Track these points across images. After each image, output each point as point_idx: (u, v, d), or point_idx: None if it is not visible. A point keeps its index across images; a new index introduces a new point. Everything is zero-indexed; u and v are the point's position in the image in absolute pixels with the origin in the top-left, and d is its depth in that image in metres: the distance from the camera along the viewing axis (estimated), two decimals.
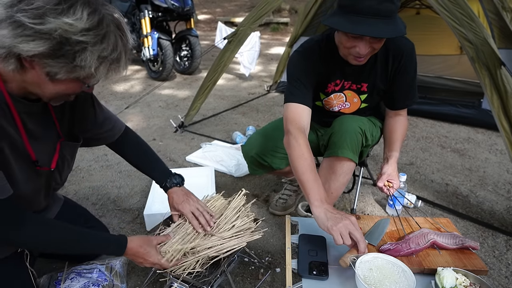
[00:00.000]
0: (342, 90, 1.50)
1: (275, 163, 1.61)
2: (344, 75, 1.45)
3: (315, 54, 1.40)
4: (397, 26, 1.13)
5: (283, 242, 1.62)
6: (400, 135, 1.50)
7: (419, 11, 3.68)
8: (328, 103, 1.56)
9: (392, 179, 1.40)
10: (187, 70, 4.80)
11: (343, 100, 1.53)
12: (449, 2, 1.67)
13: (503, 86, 1.59)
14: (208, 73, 2.75)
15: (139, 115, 3.38)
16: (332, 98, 1.52)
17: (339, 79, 1.46)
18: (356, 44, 1.19)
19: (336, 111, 1.57)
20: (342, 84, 1.48)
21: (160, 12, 4.30)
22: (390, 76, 1.43)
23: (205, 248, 1.17)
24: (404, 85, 1.44)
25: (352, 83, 1.46)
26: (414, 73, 1.43)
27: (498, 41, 2.19)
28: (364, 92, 1.49)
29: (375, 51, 1.26)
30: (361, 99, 1.51)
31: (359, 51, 1.19)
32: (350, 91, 1.49)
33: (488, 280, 1.41)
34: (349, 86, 1.48)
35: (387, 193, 1.39)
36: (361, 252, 1.01)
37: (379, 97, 1.53)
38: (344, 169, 1.46)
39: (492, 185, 2.15)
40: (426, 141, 2.79)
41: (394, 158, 1.45)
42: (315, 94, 1.50)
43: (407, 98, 1.49)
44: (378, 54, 1.36)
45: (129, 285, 1.39)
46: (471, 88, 3.39)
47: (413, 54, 1.40)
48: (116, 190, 2.11)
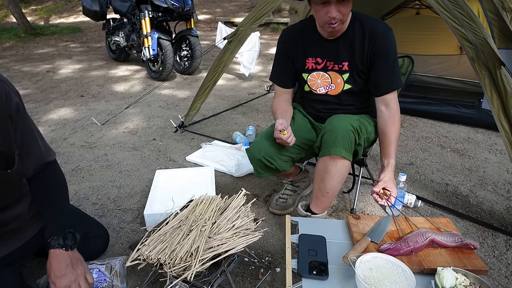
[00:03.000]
0: (325, 71, 1.58)
1: (281, 165, 1.62)
2: (324, 53, 1.55)
3: (296, 31, 1.61)
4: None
5: (283, 242, 1.62)
6: (394, 138, 1.50)
7: (419, 11, 3.68)
8: (312, 83, 1.63)
9: (389, 187, 1.39)
10: (187, 70, 4.79)
11: (329, 82, 1.59)
12: (449, 2, 1.67)
13: (503, 86, 1.59)
14: (208, 73, 2.75)
15: (139, 115, 3.38)
16: (315, 76, 1.60)
17: (320, 58, 1.56)
18: (327, 10, 1.35)
19: (323, 93, 1.63)
20: (324, 64, 1.56)
21: (160, 12, 4.30)
22: (367, 57, 1.50)
23: (205, 248, 1.17)
24: (386, 68, 1.49)
25: (334, 63, 1.55)
26: (393, 56, 1.49)
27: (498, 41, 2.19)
28: (346, 71, 1.55)
29: (344, 17, 1.39)
30: (343, 79, 1.57)
31: (330, 14, 1.35)
32: (333, 72, 1.57)
33: (488, 280, 1.42)
34: (332, 67, 1.56)
35: (379, 201, 1.37)
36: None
37: (362, 80, 1.57)
38: (338, 168, 1.47)
39: (492, 185, 2.15)
40: (426, 141, 2.79)
41: (391, 166, 1.45)
42: (300, 78, 1.67)
43: (391, 80, 1.51)
44: (356, 35, 1.48)
45: (129, 285, 1.39)
46: (471, 88, 3.38)
47: (388, 36, 1.47)
48: (116, 190, 2.11)
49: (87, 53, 6.53)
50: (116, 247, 1.61)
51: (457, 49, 3.51)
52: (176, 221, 1.31)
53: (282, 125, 1.45)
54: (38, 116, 3.38)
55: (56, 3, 12.03)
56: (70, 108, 3.61)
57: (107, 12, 5.07)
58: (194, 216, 1.32)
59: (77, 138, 2.87)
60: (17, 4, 8.62)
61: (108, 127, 3.10)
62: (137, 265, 1.20)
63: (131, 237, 1.68)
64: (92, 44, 7.52)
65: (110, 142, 2.79)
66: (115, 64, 5.58)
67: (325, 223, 1.36)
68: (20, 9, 8.80)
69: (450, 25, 1.69)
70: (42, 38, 8.32)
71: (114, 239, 1.66)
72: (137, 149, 2.65)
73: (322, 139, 1.48)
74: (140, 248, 1.22)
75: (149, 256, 1.16)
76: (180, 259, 1.14)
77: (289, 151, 1.61)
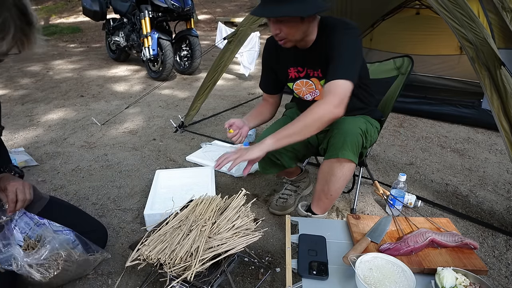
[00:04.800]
0: (308, 78, 1.56)
1: (287, 162, 1.65)
2: (304, 61, 1.53)
3: (272, 44, 1.58)
4: (290, 6, 1.23)
5: (283, 242, 1.62)
6: (300, 123, 1.26)
7: (419, 11, 3.68)
8: (299, 91, 1.63)
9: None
10: (187, 70, 4.79)
11: (313, 88, 1.58)
12: (449, 2, 1.67)
13: (503, 86, 1.59)
14: (208, 73, 2.75)
15: (139, 115, 3.38)
16: (300, 84, 1.60)
17: (300, 66, 1.55)
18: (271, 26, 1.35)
19: (310, 100, 1.62)
20: (305, 71, 1.55)
21: (160, 12, 4.30)
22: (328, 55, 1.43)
23: (205, 248, 1.17)
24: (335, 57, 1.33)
25: (313, 70, 1.53)
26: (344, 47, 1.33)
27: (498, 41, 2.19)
28: (322, 77, 1.53)
29: (289, 36, 1.35)
30: (321, 85, 1.55)
31: (270, 31, 1.36)
32: (315, 79, 1.56)
33: (488, 280, 1.42)
34: (313, 74, 1.54)
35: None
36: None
37: None
38: (344, 171, 1.47)
39: (492, 185, 2.15)
40: (426, 141, 2.79)
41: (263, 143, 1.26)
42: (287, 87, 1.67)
43: (336, 69, 1.31)
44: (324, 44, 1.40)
45: (129, 285, 1.39)
46: (471, 88, 3.38)
47: (337, 27, 1.36)
48: (116, 190, 2.11)
49: (87, 53, 6.53)
50: (116, 247, 1.61)
51: (457, 49, 3.51)
52: (176, 221, 1.31)
53: (228, 123, 1.55)
54: (38, 116, 3.38)
55: (56, 3, 12.03)
56: (70, 108, 3.61)
57: (107, 12, 5.06)
58: (194, 216, 1.32)
59: (77, 138, 2.87)
60: None
61: (108, 127, 3.10)
62: (137, 265, 1.20)
63: (131, 237, 1.68)
64: (92, 44, 7.52)
65: (110, 142, 2.79)
66: (115, 64, 5.58)
67: (325, 223, 1.36)
68: None
69: (450, 25, 1.69)
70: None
71: (114, 239, 1.66)
72: (137, 149, 2.65)
73: (329, 142, 1.47)
74: (140, 248, 1.22)
75: (149, 256, 1.16)
76: (180, 259, 1.13)
77: (294, 147, 1.62)
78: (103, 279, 1.43)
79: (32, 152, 2.61)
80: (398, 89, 1.82)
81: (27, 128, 3.09)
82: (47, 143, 2.79)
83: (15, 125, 3.18)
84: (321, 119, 1.25)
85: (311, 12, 1.27)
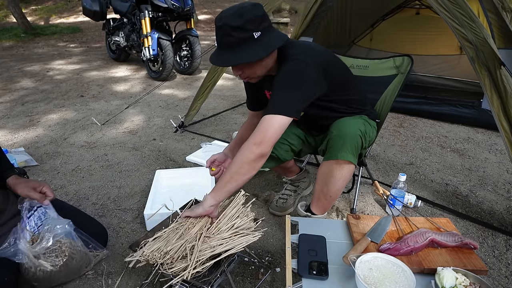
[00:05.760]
0: None
1: (282, 154, 1.65)
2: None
3: None
4: (244, 52, 1.24)
5: (283, 242, 1.62)
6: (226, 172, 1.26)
7: (419, 11, 3.68)
8: None
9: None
10: (187, 70, 4.79)
11: None
12: (449, 2, 1.67)
13: (503, 86, 1.59)
14: (208, 73, 2.75)
15: (139, 115, 3.38)
16: None
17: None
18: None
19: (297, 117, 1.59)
20: None
21: (160, 12, 4.30)
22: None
23: (205, 248, 1.17)
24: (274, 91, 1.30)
25: None
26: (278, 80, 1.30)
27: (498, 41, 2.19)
28: None
29: (251, 75, 1.37)
30: None
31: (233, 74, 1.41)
32: None
33: (488, 280, 1.41)
34: None
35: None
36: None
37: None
38: (344, 172, 1.47)
39: (491, 185, 2.15)
40: (426, 141, 2.79)
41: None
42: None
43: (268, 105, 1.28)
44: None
45: (129, 285, 1.39)
46: (471, 88, 3.39)
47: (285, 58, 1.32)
48: (116, 190, 2.11)
49: (87, 53, 6.53)
50: (116, 247, 1.61)
51: (457, 49, 3.51)
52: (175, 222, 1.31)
53: (210, 161, 1.63)
54: (38, 116, 3.38)
55: (56, 3, 12.03)
56: (70, 108, 3.61)
57: (107, 12, 5.07)
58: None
59: (77, 138, 2.87)
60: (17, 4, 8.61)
61: (108, 127, 3.10)
62: (137, 264, 1.20)
63: (131, 237, 1.68)
64: (92, 44, 7.52)
65: (110, 142, 2.79)
66: (115, 64, 5.58)
67: (325, 223, 1.36)
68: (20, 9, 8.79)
69: (450, 25, 1.70)
70: (42, 38, 8.32)
71: (114, 239, 1.66)
72: (137, 149, 2.65)
73: (328, 143, 1.47)
74: (140, 248, 1.22)
75: (149, 256, 1.16)
76: (180, 259, 1.14)
77: (288, 139, 1.65)
78: (103, 279, 1.43)
79: (32, 152, 2.61)
80: (397, 88, 1.81)
81: (27, 128, 3.09)
82: (47, 143, 2.79)
83: (15, 125, 3.18)
84: (246, 161, 1.22)
85: (264, 54, 1.26)
